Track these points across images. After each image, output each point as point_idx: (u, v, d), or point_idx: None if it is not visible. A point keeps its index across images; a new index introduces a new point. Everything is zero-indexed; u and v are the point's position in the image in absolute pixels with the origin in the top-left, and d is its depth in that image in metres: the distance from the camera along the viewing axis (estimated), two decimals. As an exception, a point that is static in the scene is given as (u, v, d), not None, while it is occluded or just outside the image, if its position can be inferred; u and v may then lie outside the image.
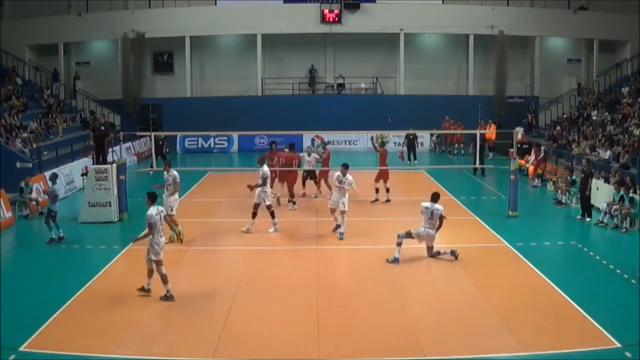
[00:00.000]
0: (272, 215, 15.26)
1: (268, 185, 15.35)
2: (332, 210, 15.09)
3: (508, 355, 8.76)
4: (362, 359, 8.77)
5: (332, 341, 9.23)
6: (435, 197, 13.15)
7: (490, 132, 27.62)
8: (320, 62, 34.66)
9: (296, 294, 11.02)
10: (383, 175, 18.94)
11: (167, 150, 26.62)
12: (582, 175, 17.37)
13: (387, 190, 18.96)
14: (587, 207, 17.02)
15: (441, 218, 13.03)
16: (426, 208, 13.07)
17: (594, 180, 18.59)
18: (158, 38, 32.68)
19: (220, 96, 33.35)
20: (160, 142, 25.48)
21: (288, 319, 9.98)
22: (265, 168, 15.18)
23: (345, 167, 14.94)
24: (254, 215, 15.16)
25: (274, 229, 15.33)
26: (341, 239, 14.60)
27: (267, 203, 15.08)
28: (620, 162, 20.66)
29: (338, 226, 14.89)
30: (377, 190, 18.91)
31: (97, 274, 12.27)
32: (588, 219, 16.86)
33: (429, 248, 13.20)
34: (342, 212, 14.68)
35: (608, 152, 22.36)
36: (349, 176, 14.87)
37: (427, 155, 31.37)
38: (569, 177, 18.65)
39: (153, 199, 11.22)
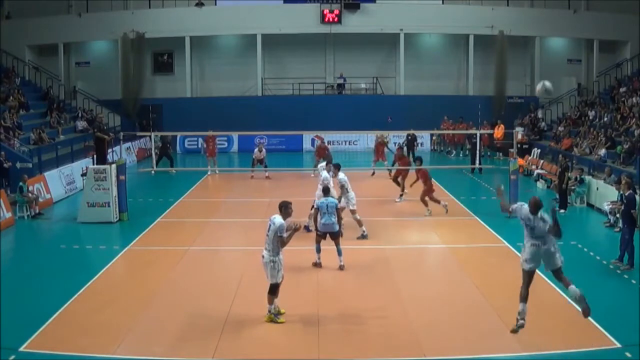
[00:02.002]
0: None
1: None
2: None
3: (508, 355, 8.76)
4: (362, 359, 8.78)
5: (332, 341, 9.23)
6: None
7: (499, 131, 27.85)
8: (320, 62, 34.65)
9: (296, 294, 11.02)
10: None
11: (172, 150, 26.77)
12: (560, 169, 18.34)
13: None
14: (564, 200, 17.93)
15: None
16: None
17: (594, 180, 18.74)
18: (158, 38, 32.69)
19: (220, 96, 33.37)
20: (168, 145, 25.74)
21: (288, 319, 9.97)
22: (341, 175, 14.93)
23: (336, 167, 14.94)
24: None
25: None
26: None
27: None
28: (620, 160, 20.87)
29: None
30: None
31: (97, 274, 12.26)
32: (562, 211, 17.51)
33: None
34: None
35: (603, 151, 22.44)
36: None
37: (427, 155, 31.34)
38: (578, 176, 18.70)
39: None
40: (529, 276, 8.70)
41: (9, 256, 14.06)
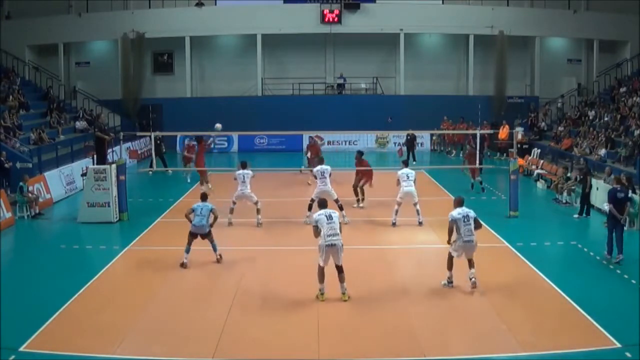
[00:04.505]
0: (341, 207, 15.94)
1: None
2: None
3: (508, 355, 8.76)
4: (362, 359, 8.78)
5: (332, 341, 9.23)
6: (460, 202, 11.71)
7: (504, 132, 27.89)
8: (320, 62, 34.66)
9: (296, 294, 11.03)
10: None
11: (165, 150, 26.54)
12: (581, 174, 17.61)
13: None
14: (586, 206, 17.19)
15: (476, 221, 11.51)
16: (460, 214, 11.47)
17: (594, 180, 18.68)
18: (158, 38, 32.72)
19: (220, 96, 33.37)
20: (158, 142, 25.38)
21: (288, 319, 9.98)
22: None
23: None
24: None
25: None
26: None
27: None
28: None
29: None
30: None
31: (97, 274, 12.27)
32: (577, 216, 17.17)
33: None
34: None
35: (603, 150, 22.46)
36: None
37: (427, 155, 31.39)
38: (578, 176, 18.60)
39: None
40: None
41: (9, 256, 14.05)
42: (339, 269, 10.79)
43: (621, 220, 13.05)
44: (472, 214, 11.24)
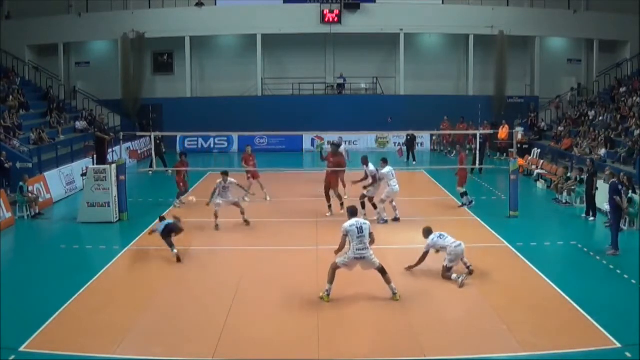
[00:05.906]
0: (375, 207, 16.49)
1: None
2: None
3: (508, 355, 8.76)
4: (362, 359, 8.78)
5: (332, 341, 9.23)
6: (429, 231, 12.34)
7: (503, 131, 27.94)
8: (320, 62, 34.67)
9: (296, 294, 11.02)
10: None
11: (165, 150, 26.52)
12: (588, 174, 17.43)
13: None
14: (592, 206, 16.99)
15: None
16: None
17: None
18: (158, 38, 32.75)
19: (220, 96, 33.39)
20: (158, 142, 25.33)
21: (288, 319, 9.98)
22: (372, 167, 16.53)
23: None
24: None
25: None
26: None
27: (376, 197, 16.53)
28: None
29: None
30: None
31: (97, 274, 12.27)
32: (592, 218, 16.85)
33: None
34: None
35: (603, 150, 22.44)
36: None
37: (427, 155, 31.39)
38: (578, 176, 18.55)
39: None
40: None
41: (9, 256, 14.05)
42: (382, 272, 10.75)
43: (624, 210, 13.44)
44: (443, 234, 12.13)
